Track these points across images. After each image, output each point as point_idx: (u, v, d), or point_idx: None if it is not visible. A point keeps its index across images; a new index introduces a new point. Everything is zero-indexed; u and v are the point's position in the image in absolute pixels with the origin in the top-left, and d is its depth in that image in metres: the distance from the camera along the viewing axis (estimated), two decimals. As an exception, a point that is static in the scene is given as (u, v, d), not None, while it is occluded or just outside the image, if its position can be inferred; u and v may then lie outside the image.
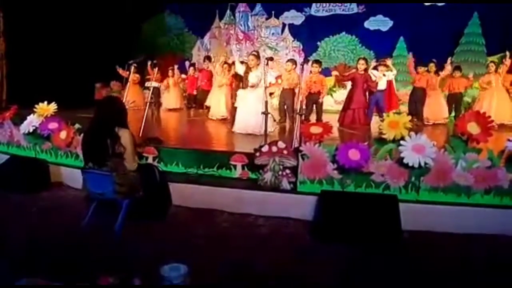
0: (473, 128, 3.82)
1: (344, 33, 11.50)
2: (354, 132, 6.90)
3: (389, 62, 8.41)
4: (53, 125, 5.14)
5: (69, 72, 9.34)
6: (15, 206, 4.20)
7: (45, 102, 5.37)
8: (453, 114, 8.74)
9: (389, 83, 8.43)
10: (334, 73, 10.13)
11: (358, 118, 7.58)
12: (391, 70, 8.23)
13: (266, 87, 5.91)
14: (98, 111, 3.62)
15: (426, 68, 8.38)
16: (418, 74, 8.38)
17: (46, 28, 9.11)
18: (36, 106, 5.36)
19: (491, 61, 8.79)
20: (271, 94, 8.21)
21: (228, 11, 12.57)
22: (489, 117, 3.90)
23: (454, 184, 3.76)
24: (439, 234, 3.56)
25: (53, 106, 5.36)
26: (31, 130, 5.28)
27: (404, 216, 3.55)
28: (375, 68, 8.12)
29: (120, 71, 9.59)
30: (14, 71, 8.85)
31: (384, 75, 8.07)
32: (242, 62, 7.72)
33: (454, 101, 8.72)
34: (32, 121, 5.30)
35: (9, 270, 2.81)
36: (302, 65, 5.67)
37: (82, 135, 4.18)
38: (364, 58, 7.90)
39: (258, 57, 6.63)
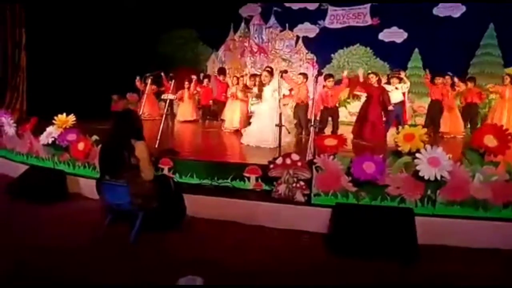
0: (490, 140, 3.76)
1: (358, 45, 11.52)
2: (367, 144, 6.85)
3: (402, 74, 8.35)
4: (71, 137, 5.24)
5: (87, 84, 9.56)
6: (32, 216, 4.28)
7: (64, 114, 5.50)
8: (469, 126, 8.52)
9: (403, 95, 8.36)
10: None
11: (371, 131, 7.40)
12: (405, 83, 8.16)
13: (280, 99, 5.94)
14: (114, 124, 3.69)
15: (443, 80, 8.26)
16: (435, 85, 8.27)
17: (65, 42, 9.37)
18: (55, 117, 5.49)
19: (507, 74, 8.62)
20: (284, 105, 8.22)
21: (242, 24, 12.73)
22: (507, 129, 3.84)
23: (471, 197, 3.71)
24: (456, 248, 3.50)
25: (71, 118, 5.47)
26: (50, 141, 5.37)
27: (420, 230, 3.50)
28: (387, 81, 8.08)
29: (138, 83, 9.71)
30: (34, 84, 9.09)
31: (396, 88, 8.01)
32: (255, 75, 7.76)
33: (470, 112, 8.47)
34: (51, 133, 5.40)
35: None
36: (316, 77, 5.67)
37: (99, 147, 4.25)
38: (373, 73, 7.76)
39: (271, 73, 6.61)
